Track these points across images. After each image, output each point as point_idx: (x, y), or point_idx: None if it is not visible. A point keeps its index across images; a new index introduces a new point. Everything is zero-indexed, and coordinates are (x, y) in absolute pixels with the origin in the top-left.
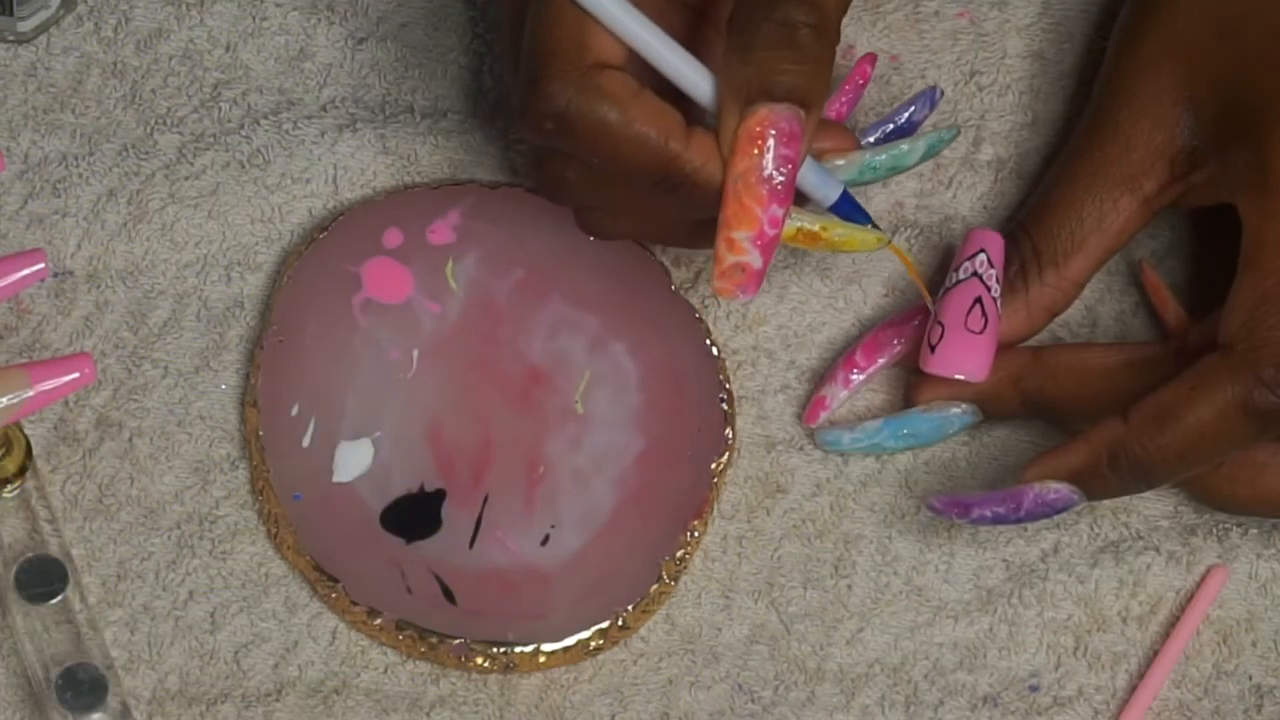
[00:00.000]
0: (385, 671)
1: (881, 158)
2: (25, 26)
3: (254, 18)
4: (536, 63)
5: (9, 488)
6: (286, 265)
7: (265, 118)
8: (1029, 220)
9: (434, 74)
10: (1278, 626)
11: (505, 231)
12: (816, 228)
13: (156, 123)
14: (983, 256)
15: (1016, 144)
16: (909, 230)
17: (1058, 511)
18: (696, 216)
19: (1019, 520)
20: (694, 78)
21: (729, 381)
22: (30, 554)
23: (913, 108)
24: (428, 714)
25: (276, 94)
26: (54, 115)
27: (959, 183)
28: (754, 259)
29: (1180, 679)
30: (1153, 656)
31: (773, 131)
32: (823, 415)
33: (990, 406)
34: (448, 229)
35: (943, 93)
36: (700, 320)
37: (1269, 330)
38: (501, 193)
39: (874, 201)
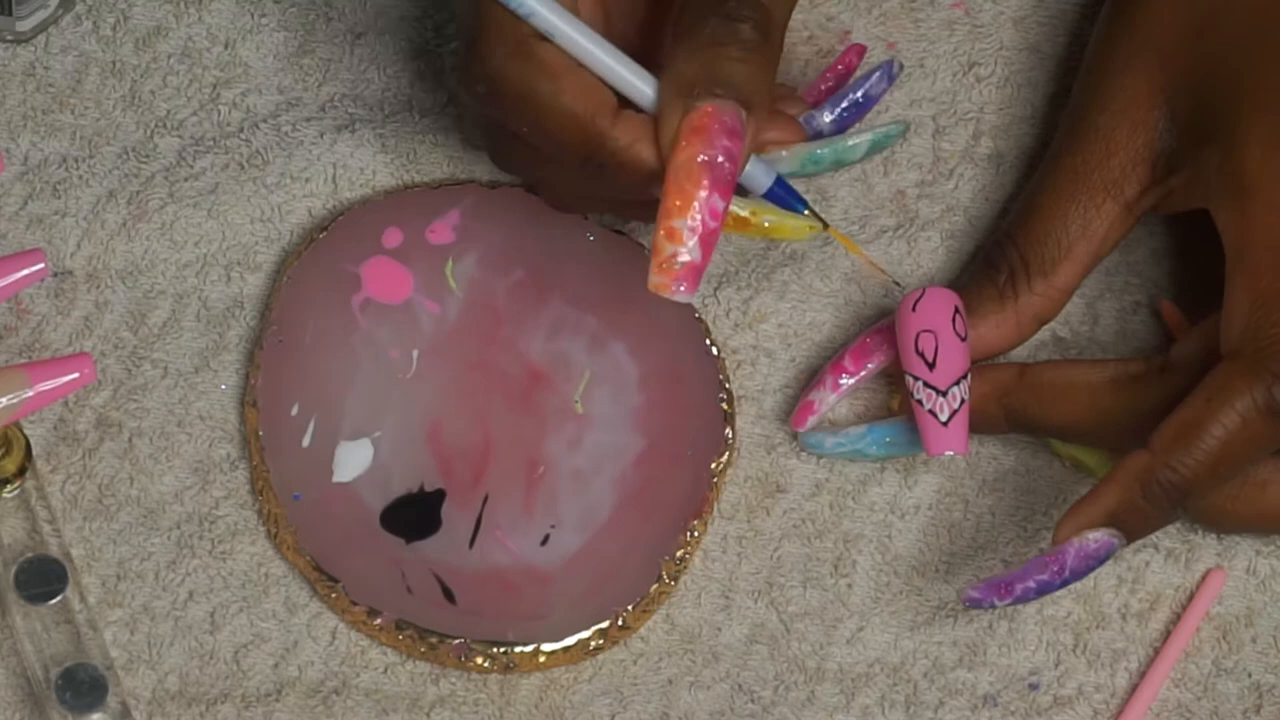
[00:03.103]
0: (385, 671)
1: (825, 151)
2: (24, 26)
3: (253, 14)
4: (477, 24)
5: (9, 488)
6: (286, 265)
7: (265, 120)
8: (1015, 228)
9: (433, 67)
10: (1277, 622)
11: (505, 231)
12: (746, 213)
13: (156, 125)
14: (909, 379)
15: (1016, 138)
16: (910, 222)
17: (1101, 561)
18: (628, 199)
19: (1065, 582)
20: (633, 80)
21: (729, 381)
22: (30, 554)
23: (870, 81)
24: (428, 714)
25: (276, 93)
26: (53, 116)
27: (960, 175)
28: (694, 252)
29: (1180, 677)
30: (1152, 654)
31: (716, 125)
32: (810, 420)
33: (975, 423)
34: (448, 229)
35: (901, 66)
36: (700, 320)
37: (1273, 328)
38: (501, 193)
39: (875, 190)
